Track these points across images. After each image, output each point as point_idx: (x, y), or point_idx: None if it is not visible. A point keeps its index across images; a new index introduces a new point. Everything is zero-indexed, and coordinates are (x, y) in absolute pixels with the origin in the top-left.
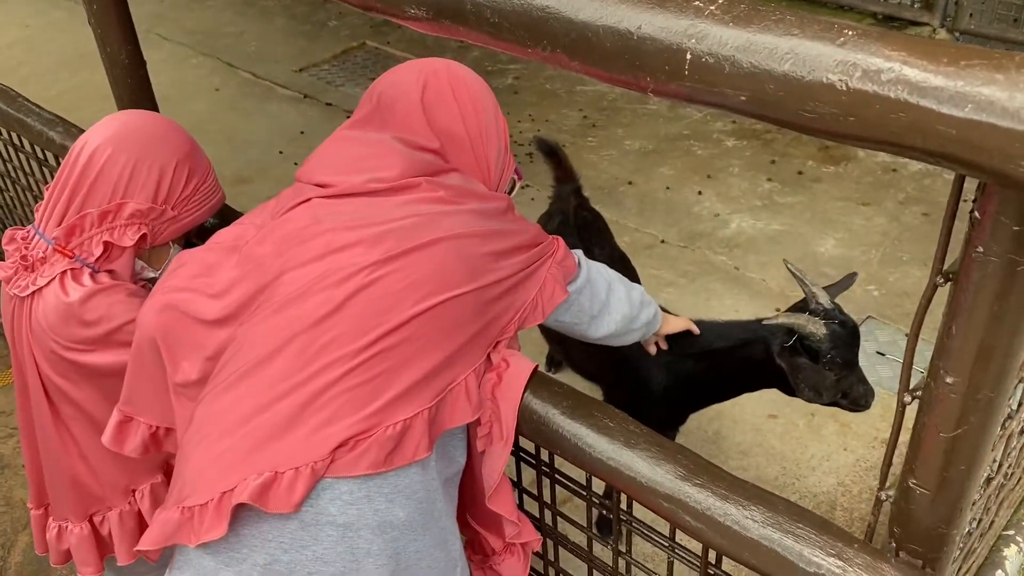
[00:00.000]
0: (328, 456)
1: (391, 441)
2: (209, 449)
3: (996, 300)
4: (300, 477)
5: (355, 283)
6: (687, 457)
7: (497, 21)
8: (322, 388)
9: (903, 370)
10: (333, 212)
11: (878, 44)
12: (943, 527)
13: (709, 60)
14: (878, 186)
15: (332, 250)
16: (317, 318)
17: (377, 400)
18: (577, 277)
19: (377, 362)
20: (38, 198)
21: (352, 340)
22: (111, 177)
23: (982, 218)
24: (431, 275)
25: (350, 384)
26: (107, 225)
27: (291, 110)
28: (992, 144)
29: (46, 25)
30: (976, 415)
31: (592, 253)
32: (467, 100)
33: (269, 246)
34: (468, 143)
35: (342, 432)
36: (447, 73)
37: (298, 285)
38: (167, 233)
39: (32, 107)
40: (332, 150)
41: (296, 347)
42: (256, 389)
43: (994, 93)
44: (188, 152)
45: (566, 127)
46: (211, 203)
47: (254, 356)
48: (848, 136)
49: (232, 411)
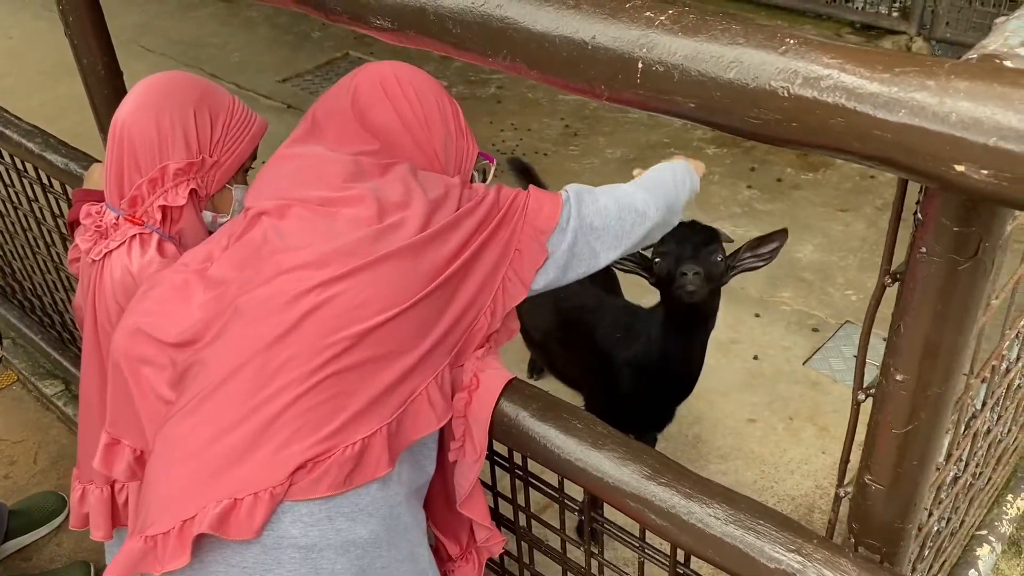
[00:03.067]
0: (286, 480)
1: (351, 461)
2: (170, 476)
3: (940, 299)
4: (259, 502)
5: (305, 304)
6: (652, 457)
7: (459, 32)
8: (278, 412)
9: (856, 368)
10: (280, 233)
11: (818, 52)
12: (899, 522)
13: (659, 69)
14: (856, 192)
15: (281, 271)
16: (269, 341)
17: (333, 421)
18: (562, 222)
19: (331, 383)
20: (19, 209)
21: (305, 362)
22: (143, 145)
23: (925, 220)
24: (380, 292)
25: (305, 406)
26: (160, 191)
27: (274, 120)
28: (924, 147)
29: (28, 36)
30: (926, 411)
31: None
32: (400, 94)
33: (228, 270)
34: (409, 135)
35: (299, 455)
36: (378, 73)
37: (251, 309)
38: (218, 179)
39: (11, 118)
40: (273, 170)
41: (250, 371)
42: (213, 415)
43: (925, 98)
44: (199, 98)
45: (548, 136)
46: (249, 134)
47: (211, 381)
48: (791, 141)
49: (191, 437)
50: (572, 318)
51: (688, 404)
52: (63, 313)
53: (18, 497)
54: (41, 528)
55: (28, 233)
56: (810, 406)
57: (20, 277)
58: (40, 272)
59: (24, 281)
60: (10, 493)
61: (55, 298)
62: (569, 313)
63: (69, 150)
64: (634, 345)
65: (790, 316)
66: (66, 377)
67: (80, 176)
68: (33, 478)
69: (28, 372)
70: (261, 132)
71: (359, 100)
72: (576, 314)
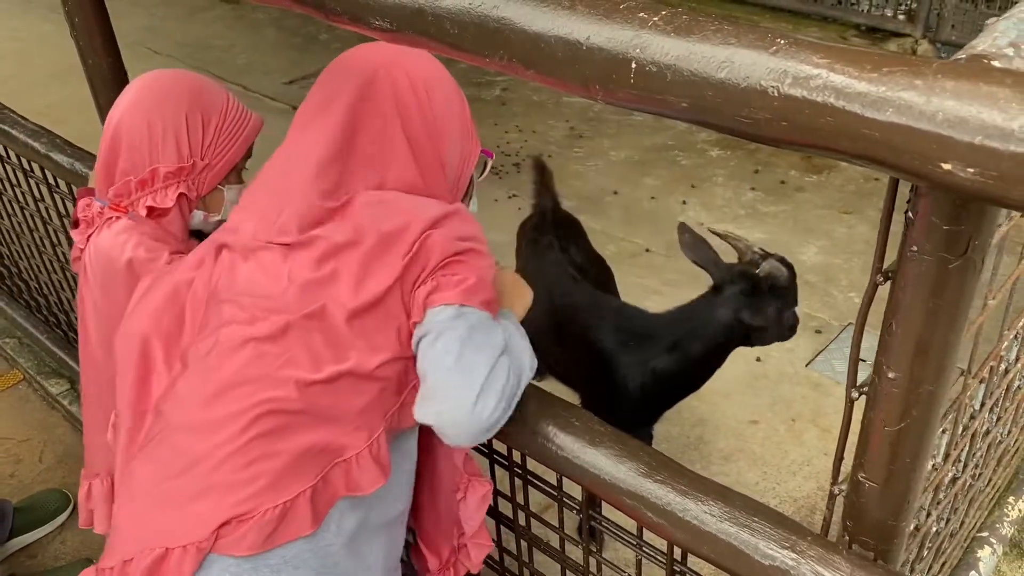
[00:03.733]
0: (211, 535)
1: (271, 524)
2: (120, 512)
3: (931, 297)
4: (187, 555)
5: (236, 362)
6: (649, 455)
7: (457, 32)
8: (211, 468)
9: (849, 366)
10: (231, 278)
11: (807, 52)
12: (892, 519)
13: (652, 69)
14: (860, 195)
15: (223, 322)
16: (206, 396)
17: (256, 482)
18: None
19: (255, 445)
20: (25, 209)
21: (233, 420)
22: (134, 145)
23: (915, 218)
24: (301, 356)
25: (233, 465)
26: (148, 191)
27: (281, 121)
28: (911, 146)
29: (36, 38)
30: (918, 408)
31: (568, 251)
32: (413, 102)
33: (186, 310)
34: (407, 146)
35: (226, 511)
36: (393, 71)
37: (195, 359)
38: (208, 181)
39: (17, 118)
40: (259, 186)
41: (194, 423)
42: (161, 460)
43: (912, 98)
44: (193, 101)
45: (552, 138)
46: (242, 136)
47: (163, 424)
48: (782, 140)
49: (140, 478)
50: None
51: (690, 406)
52: (68, 312)
53: (23, 496)
54: (45, 526)
55: (34, 233)
56: (812, 408)
57: (27, 276)
58: (46, 271)
59: (30, 280)
60: (15, 491)
61: (60, 297)
62: (573, 312)
63: (75, 150)
64: (657, 351)
65: None
66: (72, 376)
67: (85, 176)
68: (38, 477)
69: (34, 371)
70: (255, 132)
71: (368, 96)
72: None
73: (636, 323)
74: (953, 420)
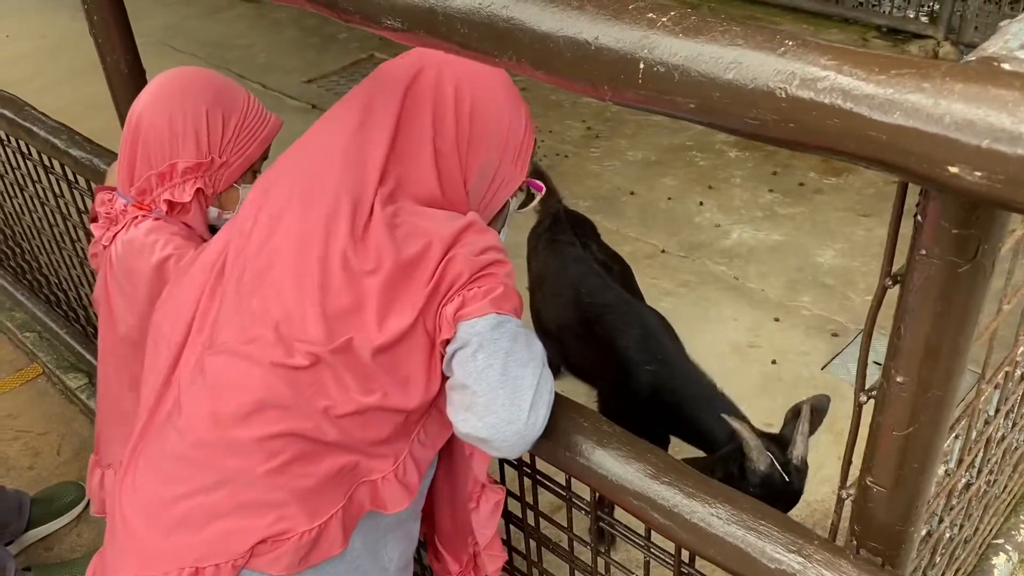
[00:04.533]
0: (247, 552)
1: (306, 547)
2: (130, 530)
3: (940, 301)
4: (221, 573)
5: (268, 381)
6: (656, 456)
7: (467, 32)
8: (242, 486)
9: (858, 369)
10: (258, 278)
11: (815, 54)
12: (900, 524)
13: (660, 69)
14: (879, 198)
15: (249, 338)
16: (232, 415)
17: (287, 506)
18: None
19: (286, 468)
20: (45, 205)
21: (265, 443)
22: (155, 140)
23: (924, 222)
24: (336, 387)
25: (265, 487)
26: (167, 185)
27: (299, 120)
28: (919, 149)
29: (61, 36)
30: (926, 413)
31: (589, 247)
32: (451, 108)
33: (214, 300)
34: (432, 152)
35: (260, 532)
36: (441, 73)
37: (214, 373)
38: (225, 178)
39: (38, 115)
40: (289, 161)
41: (211, 439)
42: (178, 471)
43: (920, 100)
44: (214, 98)
45: (569, 138)
46: (261, 136)
47: (178, 431)
48: (789, 142)
49: (152, 486)
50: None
51: None
52: (87, 308)
53: (41, 488)
54: (62, 517)
55: (55, 228)
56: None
57: (47, 271)
58: (66, 267)
59: (50, 276)
60: (34, 484)
61: (80, 293)
62: (600, 310)
63: (94, 147)
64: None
65: (810, 321)
66: (90, 371)
67: (104, 173)
68: (56, 469)
69: (53, 365)
70: (274, 133)
71: (411, 96)
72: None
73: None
74: (967, 425)
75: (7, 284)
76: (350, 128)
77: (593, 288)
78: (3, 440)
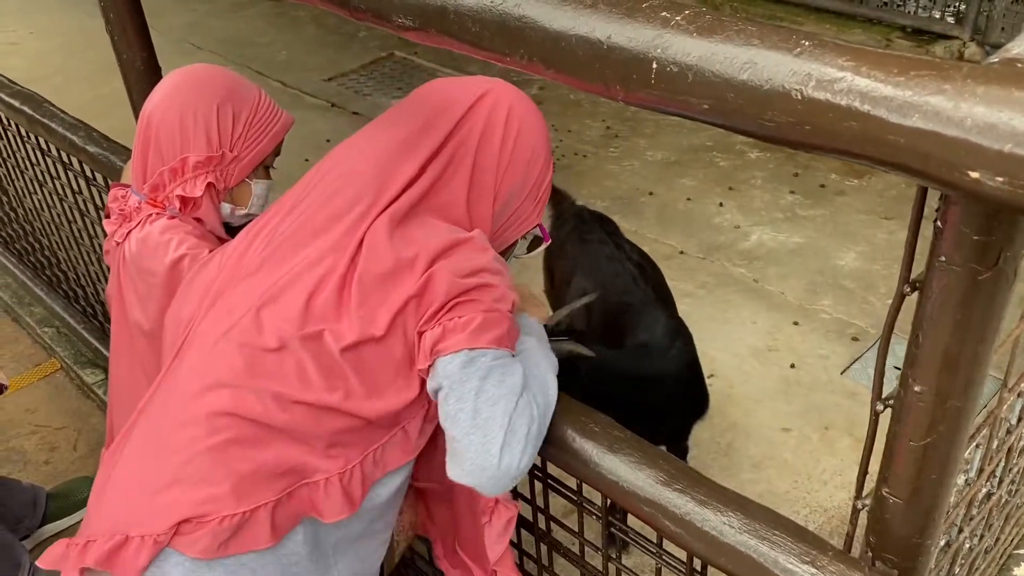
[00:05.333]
0: (170, 530)
1: (225, 532)
2: (105, 483)
3: (960, 309)
4: (144, 546)
5: (234, 359)
6: (668, 462)
7: (478, 30)
8: (183, 460)
9: (875, 378)
10: (243, 279)
11: (832, 54)
12: (917, 537)
13: (673, 69)
14: (902, 200)
15: (232, 321)
16: (197, 388)
17: (218, 485)
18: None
19: (227, 447)
20: (64, 201)
21: (213, 419)
22: (167, 135)
23: (944, 228)
24: (295, 375)
25: (202, 463)
26: (179, 180)
27: (318, 118)
28: (939, 153)
29: (83, 33)
30: (945, 424)
31: (621, 246)
32: (501, 130)
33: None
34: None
35: (185, 509)
36: (505, 100)
37: (196, 343)
38: (236, 173)
39: (56, 112)
40: (339, 158)
41: (175, 410)
42: (146, 439)
43: (940, 103)
44: (226, 94)
45: (588, 137)
46: (271, 132)
47: (160, 400)
48: (805, 144)
49: (127, 453)
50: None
51: (721, 411)
52: (104, 304)
53: (57, 482)
54: (77, 512)
55: (73, 225)
56: (846, 417)
57: (65, 267)
58: (84, 263)
59: (68, 271)
60: (50, 479)
61: (97, 289)
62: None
63: (111, 144)
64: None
65: (829, 324)
66: (107, 366)
67: (121, 169)
68: (72, 464)
69: (71, 360)
70: (285, 129)
71: (469, 114)
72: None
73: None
74: (988, 434)
75: (27, 279)
76: (396, 140)
77: (623, 286)
78: (21, 434)
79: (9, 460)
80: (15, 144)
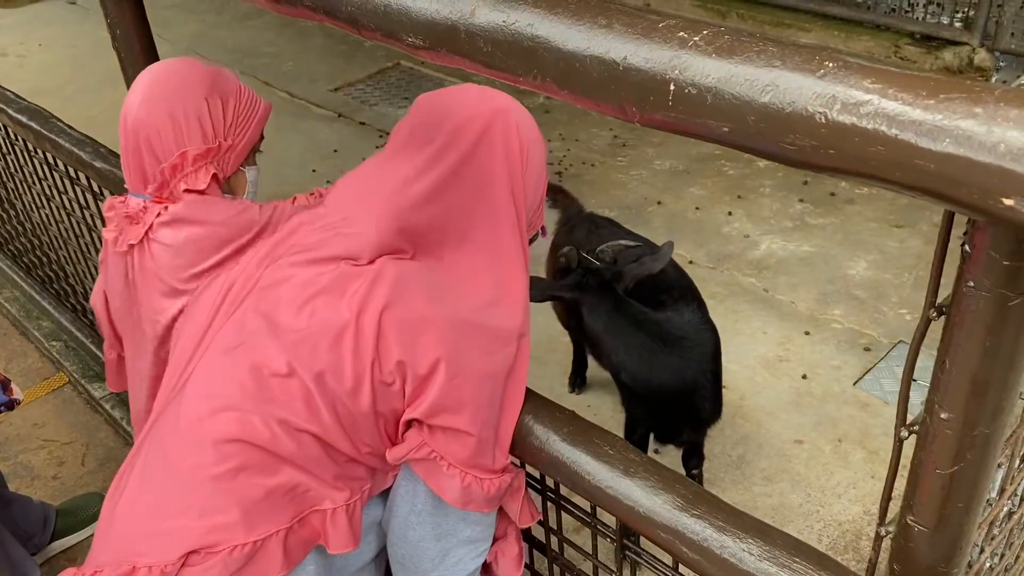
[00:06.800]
0: (179, 560)
1: (237, 562)
2: (109, 521)
3: (988, 334)
4: (152, 575)
5: (246, 382)
6: (685, 487)
7: (490, 50)
8: (190, 487)
9: (899, 404)
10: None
11: (858, 76)
12: (943, 565)
13: (692, 91)
14: (913, 209)
15: (241, 339)
16: (204, 411)
17: (227, 512)
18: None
19: (235, 474)
20: (71, 216)
21: (221, 445)
22: (159, 135)
23: (973, 252)
24: (303, 405)
25: (210, 490)
26: (181, 175)
27: (325, 128)
28: (970, 179)
29: (92, 44)
30: (972, 451)
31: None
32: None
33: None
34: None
35: (194, 539)
36: (512, 120)
37: (203, 366)
38: (232, 161)
39: (64, 127)
40: (349, 188)
41: (184, 431)
42: (153, 464)
43: (972, 127)
44: (211, 85)
45: (596, 146)
46: (256, 117)
47: (169, 418)
48: (829, 168)
49: (127, 490)
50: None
51: (733, 423)
52: None
53: (65, 498)
54: (86, 528)
55: (80, 239)
56: (860, 428)
57: (72, 281)
58: (91, 277)
59: (76, 285)
60: (58, 494)
61: None
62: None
63: (117, 159)
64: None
65: (841, 335)
66: None
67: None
68: (81, 479)
69: (79, 374)
70: (267, 114)
71: (486, 136)
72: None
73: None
74: (1011, 453)
75: (35, 293)
76: (407, 168)
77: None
78: (29, 449)
79: (17, 475)
80: (23, 159)
